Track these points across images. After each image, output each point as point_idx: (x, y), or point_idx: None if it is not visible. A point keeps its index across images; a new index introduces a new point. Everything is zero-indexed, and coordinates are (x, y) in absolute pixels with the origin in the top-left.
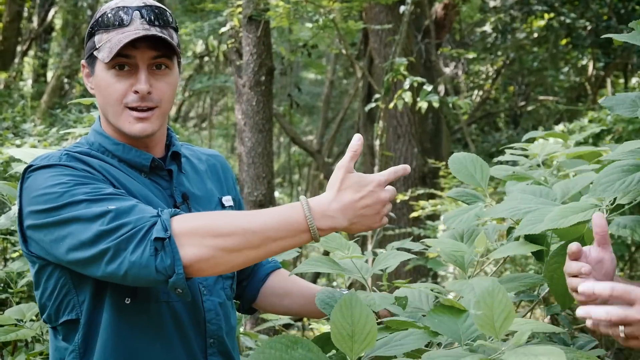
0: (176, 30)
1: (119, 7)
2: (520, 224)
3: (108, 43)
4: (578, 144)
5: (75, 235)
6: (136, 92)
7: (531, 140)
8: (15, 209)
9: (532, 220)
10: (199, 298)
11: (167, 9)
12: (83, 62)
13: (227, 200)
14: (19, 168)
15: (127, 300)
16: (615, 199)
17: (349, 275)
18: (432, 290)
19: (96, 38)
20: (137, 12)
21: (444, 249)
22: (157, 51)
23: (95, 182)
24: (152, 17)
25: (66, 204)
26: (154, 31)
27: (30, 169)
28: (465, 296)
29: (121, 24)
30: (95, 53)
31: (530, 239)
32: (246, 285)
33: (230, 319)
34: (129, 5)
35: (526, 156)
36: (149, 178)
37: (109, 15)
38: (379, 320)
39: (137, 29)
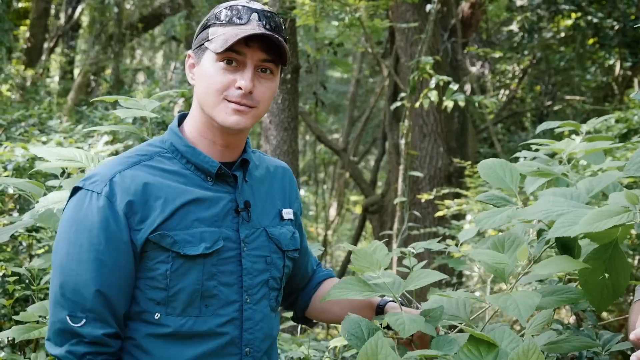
0: (287, 41)
1: (239, 5)
2: (553, 226)
3: (222, 36)
4: (591, 138)
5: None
6: (239, 87)
7: (561, 137)
8: (38, 207)
9: (565, 223)
10: (239, 307)
11: (281, 19)
12: (190, 52)
13: (288, 213)
14: (42, 166)
15: (157, 316)
16: None
17: (381, 294)
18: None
19: (210, 30)
20: (256, 14)
21: (485, 260)
22: (267, 55)
23: (93, 267)
24: (269, 23)
25: (57, 269)
26: (266, 33)
27: (76, 189)
28: (509, 314)
29: (238, 22)
30: (206, 44)
31: (560, 242)
32: (299, 294)
33: (272, 329)
34: (249, 6)
35: (551, 155)
36: (215, 183)
37: (228, 11)
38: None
39: (254, 29)
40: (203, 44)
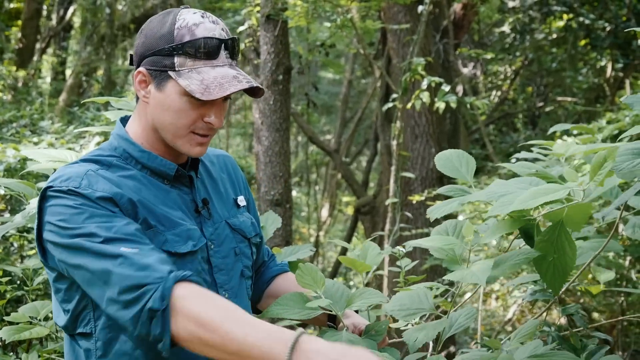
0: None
1: (208, 37)
2: (492, 206)
3: (196, 74)
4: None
5: (87, 273)
6: (210, 124)
7: (554, 138)
8: (29, 208)
9: (504, 202)
10: None
11: (237, 39)
12: (142, 69)
13: (241, 200)
14: (33, 167)
15: None
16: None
17: (323, 311)
18: (431, 288)
19: (177, 60)
20: (223, 44)
21: (433, 245)
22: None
23: (111, 219)
24: (233, 50)
25: (80, 235)
26: (237, 70)
27: (50, 189)
28: (469, 281)
29: (209, 56)
30: (172, 74)
31: (523, 231)
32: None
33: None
34: (216, 37)
35: (545, 155)
36: (172, 185)
37: (198, 43)
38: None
39: (224, 63)
40: (166, 71)
